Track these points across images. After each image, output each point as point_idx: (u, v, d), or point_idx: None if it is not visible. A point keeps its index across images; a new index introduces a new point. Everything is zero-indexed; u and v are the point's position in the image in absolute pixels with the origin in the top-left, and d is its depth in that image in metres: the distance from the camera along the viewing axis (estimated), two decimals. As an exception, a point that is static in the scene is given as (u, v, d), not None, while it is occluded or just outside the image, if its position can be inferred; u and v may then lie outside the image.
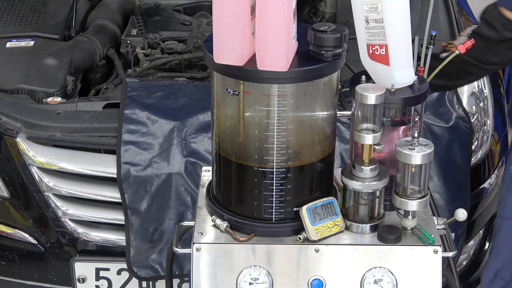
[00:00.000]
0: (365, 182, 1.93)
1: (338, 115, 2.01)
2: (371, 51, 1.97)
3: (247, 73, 1.82)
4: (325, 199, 1.96)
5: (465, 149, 2.81)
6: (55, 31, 3.37)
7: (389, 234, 1.93)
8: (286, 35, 1.77)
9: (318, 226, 1.93)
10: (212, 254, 1.94)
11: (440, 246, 1.94)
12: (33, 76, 3.06)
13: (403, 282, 1.94)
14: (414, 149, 1.90)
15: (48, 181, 2.77)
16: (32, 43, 3.25)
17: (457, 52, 2.35)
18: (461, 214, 2.03)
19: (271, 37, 1.76)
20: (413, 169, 1.92)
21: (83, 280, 2.82)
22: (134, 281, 2.80)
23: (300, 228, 1.94)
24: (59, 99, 2.94)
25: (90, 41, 3.35)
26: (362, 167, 1.93)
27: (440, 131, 2.79)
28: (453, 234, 2.79)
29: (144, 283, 2.81)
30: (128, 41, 3.43)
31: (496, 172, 3.05)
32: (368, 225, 1.97)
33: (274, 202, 1.94)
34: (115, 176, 2.71)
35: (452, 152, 2.80)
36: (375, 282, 1.94)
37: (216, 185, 2.04)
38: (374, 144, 1.92)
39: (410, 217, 1.96)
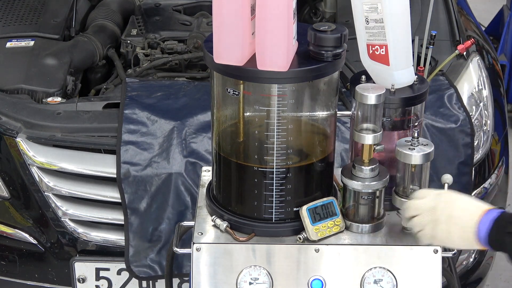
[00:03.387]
0: (365, 182, 1.93)
1: (338, 115, 2.01)
2: (371, 51, 1.97)
3: (247, 73, 1.82)
4: (325, 199, 1.96)
5: (466, 149, 2.80)
6: (55, 31, 3.36)
7: None
8: (286, 35, 1.76)
9: (318, 226, 1.93)
10: (212, 254, 1.94)
11: (440, 246, 1.94)
12: (33, 76, 3.06)
13: (403, 282, 1.94)
14: (414, 149, 1.90)
15: (48, 181, 2.77)
16: (32, 43, 3.24)
17: (457, 52, 2.35)
18: (447, 180, 1.94)
19: (271, 37, 1.76)
20: (413, 169, 1.92)
21: (83, 280, 2.81)
22: (134, 281, 2.80)
23: (300, 228, 1.94)
24: (59, 99, 2.94)
25: (90, 41, 3.35)
26: (362, 167, 1.93)
27: (440, 131, 2.79)
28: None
29: (144, 283, 2.80)
30: (128, 41, 3.42)
31: (496, 172, 3.05)
32: (368, 225, 1.97)
33: (274, 202, 1.94)
34: (115, 176, 2.70)
35: (453, 152, 2.79)
36: (375, 282, 1.93)
37: (216, 185, 2.04)
38: (374, 144, 1.92)
39: (410, 217, 1.96)
